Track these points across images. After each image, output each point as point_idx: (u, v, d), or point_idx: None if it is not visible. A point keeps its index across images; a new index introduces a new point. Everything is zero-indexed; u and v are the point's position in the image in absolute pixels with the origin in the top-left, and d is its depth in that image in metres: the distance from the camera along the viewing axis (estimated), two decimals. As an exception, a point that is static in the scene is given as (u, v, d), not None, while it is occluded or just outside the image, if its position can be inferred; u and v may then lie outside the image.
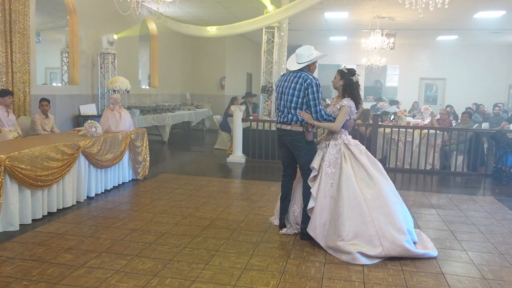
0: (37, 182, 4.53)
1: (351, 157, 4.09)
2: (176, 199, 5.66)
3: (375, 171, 4.05)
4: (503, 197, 6.39)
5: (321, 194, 4.02)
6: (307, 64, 4.20)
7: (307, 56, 4.18)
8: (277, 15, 9.20)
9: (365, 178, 4.01)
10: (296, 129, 4.17)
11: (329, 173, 4.05)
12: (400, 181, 7.53)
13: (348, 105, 4.14)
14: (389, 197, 3.94)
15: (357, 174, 4.01)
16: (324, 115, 4.13)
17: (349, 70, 4.25)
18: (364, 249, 3.73)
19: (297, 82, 4.14)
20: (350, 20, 12.80)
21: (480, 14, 11.52)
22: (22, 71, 7.10)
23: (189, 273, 3.43)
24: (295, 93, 4.14)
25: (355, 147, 4.15)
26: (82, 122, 7.97)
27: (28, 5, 7.14)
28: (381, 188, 3.95)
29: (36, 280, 3.22)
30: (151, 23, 12.36)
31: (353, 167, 4.04)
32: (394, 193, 4.05)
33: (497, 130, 8.28)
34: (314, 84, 4.09)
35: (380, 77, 19.53)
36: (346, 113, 4.15)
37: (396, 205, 3.95)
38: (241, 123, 8.60)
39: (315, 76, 4.22)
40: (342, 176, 3.98)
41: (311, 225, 4.04)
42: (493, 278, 3.52)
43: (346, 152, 4.11)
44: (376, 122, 8.26)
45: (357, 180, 3.97)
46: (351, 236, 3.80)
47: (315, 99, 4.09)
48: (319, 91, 4.11)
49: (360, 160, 4.06)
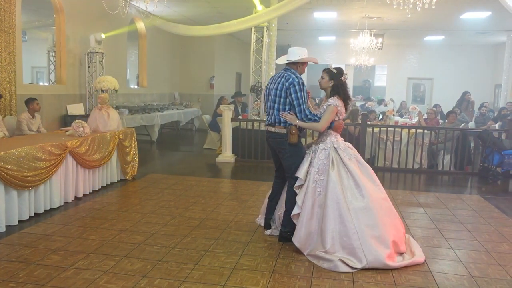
0: (23, 183, 4.47)
1: (339, 163, 3.90)
2: (165, 199, 5.64)
3: (364, 178, 3.89)
4: (489, 195, 6.47)
5: (309, 202, 3.85)
6: (295, 62, 4.09)
7: (298, 55, 4.08)
8: (266, 15, 9.20)
9: (353, 187, 3.81)
10: (279, 131, 4.07)
11: (318, 180, 3.87)
12: (389, 180, 7.59)
13: (335, 104, 3.96)
14: (377, 208, 3.75)
15: (344, 182, 3.82)
16: (308, 114, 3.97)
17: (338, 70, 4.09)
18: (346, 259, 3.60)
19: (279, 82, 4.07)
20: (338, 20, 12.86)
21: (466, 15, 11.66)
22: (8, 71, 7.00)
23: (179, 273, 3.42)
24: (277, 93, 4.07)
25: (345, 151, 3.96)
26: (69, 122, 7.87)
27: (14, 3, 7.05)
28: (369, 199, 3.76)
29: (23, 282, 3.18)
30: (140, 22, 12.27)
31: (340, 174, 3.85)
32: (383, 202, 3.87)
33: (483, 130, 8.39)
34: (296, 83, 3.97)
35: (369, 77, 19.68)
36: (333, 113, 3.97)
37: (384, 217, 3.77)
38: (230, 122, 8.59)
39: (299, 76, 4.09)
40: (328, 183, 3.81)
41: (296, 235, 3.88)
42: (479, 275, 3.57)
43: (335, 157, 3.92)
44: (365, 122, 8.32)
45: (344, 188, 3.79)
46: (334, 249, 3.66)
47: (298, 99, 3.97)
48: (302, 90, 3.96)
49: (348, 167, 3.87)
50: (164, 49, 13.98)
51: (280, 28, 10.90)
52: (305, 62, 4.18)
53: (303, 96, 3.99)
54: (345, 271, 3.53)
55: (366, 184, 3.84)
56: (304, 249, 3.83)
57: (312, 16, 12.38)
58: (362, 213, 3.70)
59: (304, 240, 3.82)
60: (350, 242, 3.63)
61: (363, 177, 3.89)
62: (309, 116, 3.98)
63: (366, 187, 3.81)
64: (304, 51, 4.13)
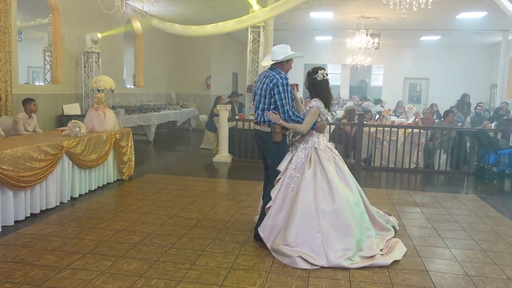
0: (19, 183, 4.45)
1: (316, 163, 3.90)
2: (162, 199, 5.63)
3: (338, 181, 3.86)
4: (485, 195, 6.50)
5: (281, 195, 3.92)
6: (279, 61, 4.08)
7: (281, 54, 4.08)
8: (263, 15, 9.21)
9: (325, 188, 3.81)
10: (264, 129, 4.11)
11: (293, 177, 3.91)
12: (385, 180, 7.61)
13: (316, 106, 3.97)
14: (344, 211, 3.74)
15: (318, 182, 3.83)
16: (291, 115, 3.98)
17: (313, 70, 4.06)
18: (306, 255, 3.62)
19: (264, 82, 4.09)
20: (335, 20, 12.89)
21: (462, 15, 11.71)
22: (4, 70, 6.97)
23: (175, 273, 3.42)
24: (262, 93, 4.10)
25: (324, 152, 3.95)
26: (65, 122, 7.84)
27: (10, 2, 7.02)
28: (339, 201, 3.75)
29: (19, 283, 3.17)
30: (136, 22, 12.26)
31: (315, 173, 3.86)
32: (352, 206, 3.81)
33: (479, 129, 8.42)
34: (280, 83, 3.98)
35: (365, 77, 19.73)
36: (315, 114, 3.97)
37: (350, 219, 3.74)
38: (227, 122, 8.59)
39: (284, 76, 4.08)
40: (302, 181, 3.84)
41: (262, 225, 3.98)
42: (475, 274, 3.58)
43: (314, 157, 3.93)
44: (361, 122, 8.33)
45: (316, 188, 3.80)
46: (296, 243, 3.69)
47: (281, 99, 3.98)
48: (286, 91, 3.97)
49: (325, 168, 3.87)
50: (161, 49, 13.96)
51: (276, 28, 10.91)
52: (290, 59, 4.16)
53: (287, 97, 4.00)
54: (303, 268, 3.56)
55: (338, 186, 3.83)
56: (267, 240, 3.90)
57: (309, 16, 12.40)
58: (330, 214, 3.72)
59: (268, 231, 3.92)
60: (313, 240, 3.68)
61: (337, 179, 3.87)
62: (292, 117, 4.01)
63: (337, 189, 3.80)
64: (287, 49, 4.14)
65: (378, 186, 7.05)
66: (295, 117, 4.01)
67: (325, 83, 4.05)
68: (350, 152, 8.52)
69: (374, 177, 7.79)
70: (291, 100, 4.04)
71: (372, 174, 8.03)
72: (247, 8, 9.81)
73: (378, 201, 5.86)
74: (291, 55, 4.11)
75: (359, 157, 8.28)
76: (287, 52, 4.10)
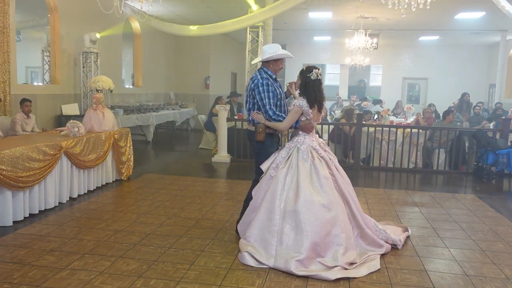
0: (18, 183, 4.45)
1: (292, 163, 3.83)
2: (161, 199, 5.62)
3: (308, 182, 3.72)
4: (484, 194, 6.51)
5: (260, 194, 3.92)
6: (267, 61, 4.13)
7: (268, 54, 4.11)
8: (261, 15, 9.20)
9: (293, 188, 3.73)
10: (251, 128, 4.20)
11: (272, 175, 3.89)
12: (384, 180, 7.61)
13: (299, 104, 3.91)
14: (306, 213, 3.58)
15: (287, 181, 3.76)
16: (272, 115, 4.02)
17: (307, 68, 3.98)
18: (255, 252, 3.62)
19: (249, 83, 4.20)
20: (334, 20, 12.89)
21: (461, 15, 11.73)
22: (2, 70, 6.96)
23: (174, 273, 3.41)
24: (247, 94, 4.23)
25: (304, 152, 3.85)
26: (64, 122, 7.84)
27: (8, 2, 7.00)
28: (301, 202, 3.61)
29: (17, 283, 3.16)
30: (135, 22, 12.25)
31: (288, 173, 3.79)
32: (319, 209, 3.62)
33: (477, 129, 8.43)
34: (260, 84, 4.05)
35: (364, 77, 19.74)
36: (296, 113, 3.92)
37: (312, 222, 3.56)
38: (226, 122, 8.59)
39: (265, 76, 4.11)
40: (273, 180, 3.83)
41: (241, 220, 4.13)
42: (474, 274, 3.58)
43: (293, 157, 3.86)
44: (360, 122, 8.34)
45: (285, 188, 3.74)
46: (253, 239, 3.73)
47: (262, 99, 4.04)
48: (265, 91, 4.02)
49: (299, 168, 3.77)
50: (159, 49, 13.95)
51: (275, 28, 10.91)
52: (279, 59, 4.16)
53: (267, 97, 4.04)
54: (249, 264, 3.57)
55: (306, 187, 3.69)
56: (241, 236, 3.98)
57: (307, 16, 12.40)
58: (290, 215, 3.64)
59: (242, 227, 4.03)
60: (269, 239, 3.65)
61: (307, 180, 3.73)
62: (272, 116, 4.04)
63: (304, 190, 3.67)
64: (275, 48, 4.16)
65: (377, 186, 7.06)
66: (275, 116, 4.04)
67: (318, 83, 3.93)
68: (349, 152, 8.53)
69: (373, 177, 7.79)
70: (273, 99, 4.06)
71: (371, 174, 8.03)
72: (246, 8, 9.81)
73: (377, 201, 5.87)
74: (277, 55, 4.13)
75: (358, 157, 8.29)
76: (275, 51, 4.13)
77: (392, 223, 4.66)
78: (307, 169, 3.79)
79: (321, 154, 3.90)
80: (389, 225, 4.47)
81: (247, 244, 3.73)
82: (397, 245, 4.07)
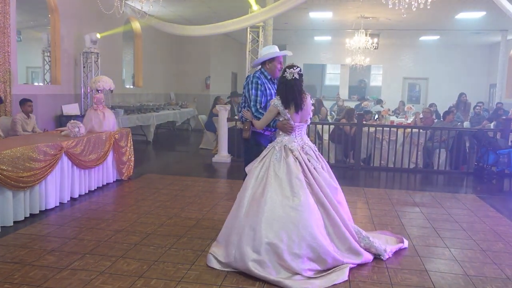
0: (18, 184, 4.45)
1: (265, 163, 3.74)
2: (161, 200, 5.62)
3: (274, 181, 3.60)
4: (485, 194, 6.50)
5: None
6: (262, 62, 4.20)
7: (260, 55, 4.22)
8: (262, 15, 9.20)
9: (259, 189, 3.62)
10: (240, 126, 4.30)
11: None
12: (384, 180, 7.61)
13: (273, 104, 3.81)
14: (265, 212, 3.44)
15: (258, 181, 3.68)
16: (254, 111, 4.08)
17: (285, 67, 3.83)
18: (217, 252, 3.61)
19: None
20: (334, 20, 12.89)
21: (461, 15, 11.72)
22: (3, 71, 6.96)
23: (175, 273, 3.41)
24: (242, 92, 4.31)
25: (278, 152, 3.74)
26: (64, 122, 7.84)
27: (9, 3, 7.01)
28: (264, 201, 3.50)
29: (18, 283, 3.16)
30: (135, 22, 12.25)
31: (260, 172, 3.71)
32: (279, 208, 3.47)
33: (478, 129, 8.43)
34: (250, 81, 4.15)
35: (364, 77, 19.73)
36: (270, 112, 3.84)
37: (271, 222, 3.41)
38: (226, 122, 8.59)
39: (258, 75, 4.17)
40: (246, 180, 3.77)
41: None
42: (475, 274, 3.58)
43: (268, 157, 3.77)
44: (361, 122, 8.34)
45: (254, 187, 3.66)
46: (220, 240, 3.72)
47: (250, 96, 4.12)
48: (254, 88, 4.11)
49: (269, 168, 3.67)
50: (160, 49, 13.95)
51: (275, 28, 10.91)
52: (271, 59, 4.16)
53: (255, 94, 4.11)
54: (213, 267, 3.53)
55: (273, 188, 3.57)
56: None
57: (308, 16, 12.40)
58: (253, 214, 3.53)
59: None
60: (232, 238, 3.55)
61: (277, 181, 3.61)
62: (254, 113, 4.10)
63: (270, 190, 3.56)
64: (267, 50, 4.21)
65: (377, 186, 7.05)
66: (257, 113, 4.09)
67: (293, 83, 3.74)
68: (350, 152, 8.53)
69: (374, 177, 7.79)
70: (260, 97, 4.11)
71: (371, 174, 8.03)
72: (246, 8, 9.81)
73: (378, 201, 5.86)
74: (264, 56, 4.17)
75: (359, 157, 8.29)
76: (271, 53, 4.18)
77: (388, 232, 4.39)
78: (279, 169, 3.66)
79: (296, 156, 3.73)
80: (383, 234, 4.25)
81: (215, 245, 3.74)
82: (381, 256, 3.78)
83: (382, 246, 3.83)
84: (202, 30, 10.41)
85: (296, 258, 3.35)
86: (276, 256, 3.34)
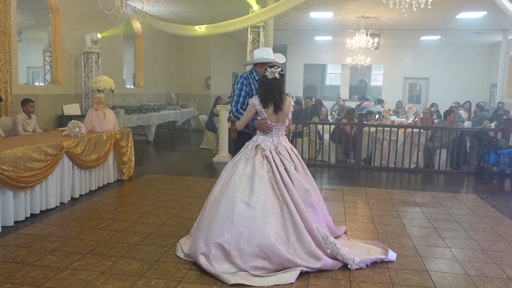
0: (19, 184, 4.45)
1: (235, 161, 3.83)
2: (162, 199, 5.63)
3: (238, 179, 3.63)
4: (485, 194, 6.50)
5: None
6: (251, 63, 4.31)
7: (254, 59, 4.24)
8: (262, 15, 9.20)
9: (224, 185, 3.72)
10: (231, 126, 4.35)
11: None
12: (385, 180, 7.61)
13: (251, 103, 3.83)
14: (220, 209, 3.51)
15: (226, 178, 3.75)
16: (234, 111, 4.15)
17: (268, 66, 3.85)
18: (185, 243, 3.87)
19: None
20: (335, 20, 12.88)
21: (462, 15, 11.71)
22: (4, 71, 6.97)
23: (175, 273, 3.42)
24: None
25: (248, 150, 3.80)
26: (65, 122, 7.86)
27: (9, 3, 7.01)
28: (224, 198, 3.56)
29: (19, 283, 3.17)
30: (136, 22, 12.26)
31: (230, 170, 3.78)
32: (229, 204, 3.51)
33: (479, 129, 8.42)
34: (237, 81, 4.22)
35: (365, 77, 19.71)
36: (249, 111, 3.86)
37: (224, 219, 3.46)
38: (227, 122, 8.58)
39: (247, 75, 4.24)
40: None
41: None
42: (476, 274, 3.58)
43: (239, 154, 3.85)
44: (361, 122, 8.34)
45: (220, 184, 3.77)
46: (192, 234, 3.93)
47: (234, 96, 4.19)
48: (238, 89, 4.17)
49: (237, 164, 3.75)
50: (161, 49, 13.96)
51: (276, 28, 10.91)
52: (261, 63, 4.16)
53: (237, 95, 4.20)
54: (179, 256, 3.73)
55: (232, 185, 3.61)
56: None
57: (308, 16, 12.39)
58: (212, 208, 3.65)
59: None
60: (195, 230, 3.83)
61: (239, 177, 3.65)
62: (235, 113, 4.16)
63: (229, 187, 3.61)
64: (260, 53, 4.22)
65: (378, 186, 7.05)
66: (237, 113, 4.15)
67: (273, 82, 3.73)
68: (350, 152, 8.53)
69: (374, 177, 7.79)
70: (242, 98, 4.17)
71: (372, 174, 8.03)
72: (247, 8, 9.81)
73: (378, 201, 5.86)
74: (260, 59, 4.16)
75: (359, 157, 8.29)
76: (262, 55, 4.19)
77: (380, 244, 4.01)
78: (245, 167, 3.70)
79: (266, 155, 3.74)
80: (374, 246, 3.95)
81: (186, 236, 3.98)
82: (348, 265, 3.57)
83: (351, 255, 3.60)
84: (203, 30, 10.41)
85: (244, 255, 3.37)
86: (224, 252, 3.41)
